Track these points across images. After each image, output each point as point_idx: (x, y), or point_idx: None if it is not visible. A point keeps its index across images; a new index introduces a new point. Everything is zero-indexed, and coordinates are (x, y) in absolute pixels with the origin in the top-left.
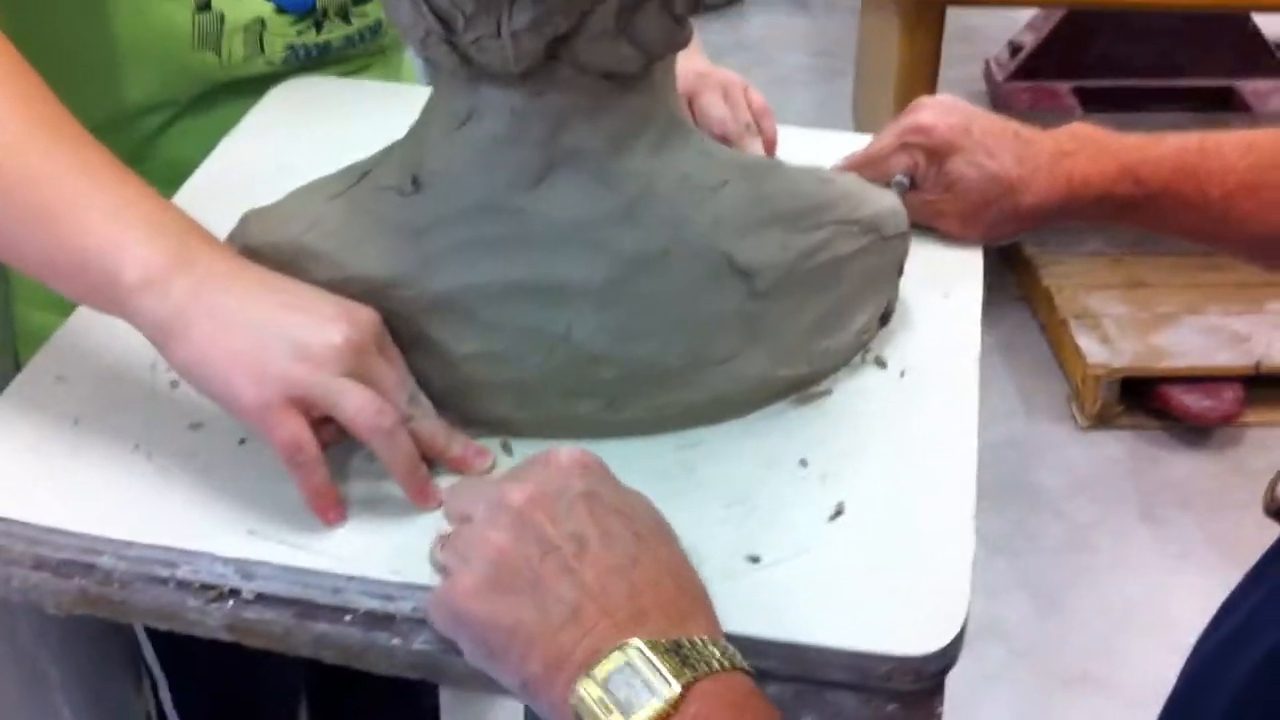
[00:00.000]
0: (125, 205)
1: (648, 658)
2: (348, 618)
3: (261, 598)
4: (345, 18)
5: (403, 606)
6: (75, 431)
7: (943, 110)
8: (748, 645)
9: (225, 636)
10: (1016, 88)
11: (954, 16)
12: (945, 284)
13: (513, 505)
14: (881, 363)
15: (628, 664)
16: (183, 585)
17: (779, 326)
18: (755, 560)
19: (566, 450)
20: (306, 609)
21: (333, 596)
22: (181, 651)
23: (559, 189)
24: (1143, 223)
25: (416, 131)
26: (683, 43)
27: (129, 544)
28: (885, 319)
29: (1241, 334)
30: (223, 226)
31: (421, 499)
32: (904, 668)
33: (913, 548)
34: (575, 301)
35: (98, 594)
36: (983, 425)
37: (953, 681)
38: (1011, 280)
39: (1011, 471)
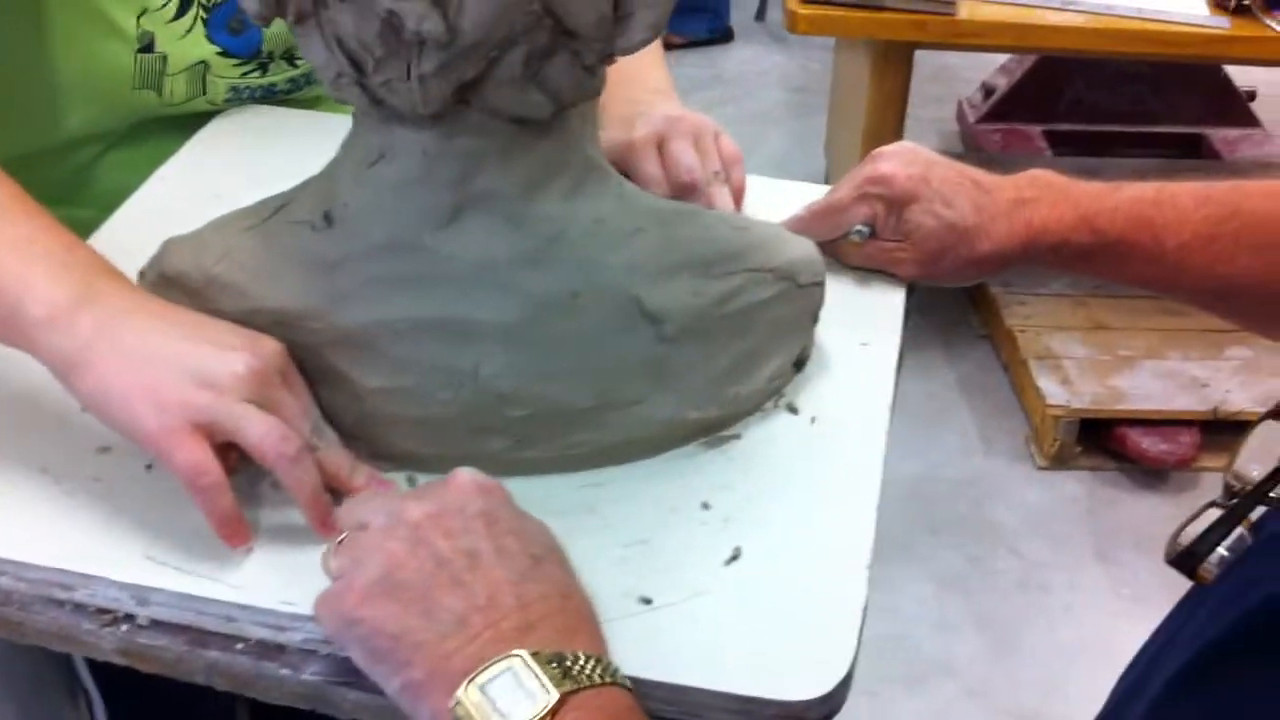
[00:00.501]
0: (30, 241)
1: (530, 667)
2: (239, 646)
3: (155, 624)
4: (291, 60)
5: (294, 637)
6: None
7: (902, 160)
8: (633, 686)
9: (119, 661)
10: (988, 129)
11: (928, 57)
12: (865, 332)
13: (410, 519)
14: (793, 409)
15: (510, 671)
16: (79, 608)
17: (688, 371)
18: (647, 602)
19: (468, 472)
20: (199, 636)
21: (225, 624)
22: (117, 670)
23: (469, 230)
24: (1099, 271)
25: (332, 168)
26: (594, 91)
27: (27, 565)
28: (800, 365)
29: (1200, 379)
30: (152, 253)
31: (324, 528)
32: (786, 713)
33: (805, 594)
34: (484, 341)
35: None
36: (941, 462)
37: (903, 718)
38: (975, 320)
39: (968, 509)
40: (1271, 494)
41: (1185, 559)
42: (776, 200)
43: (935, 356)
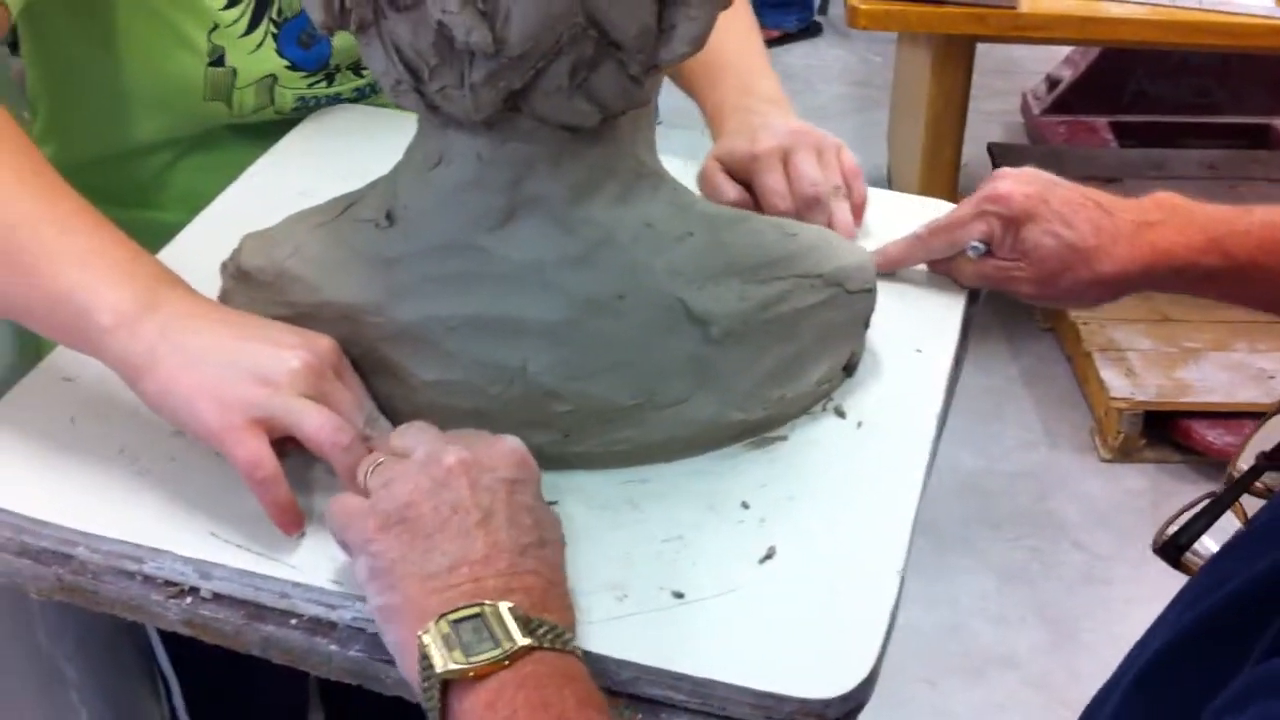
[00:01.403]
0: (95, 252)
1: (500, 616)
2: (293, 621)
3: (218, 597)
4: (356, 71)
5: (343, 615)
6: (70, 430)
7: (1020, 180)
8: (659, 676)
9: (184, 631)
10: (1052, 122)
11: (992, 50)
12: (920, 339)
13: (444, 462)
14: (841, 413)
15: (480, 616)
16: (148, 580)
17: (733, 373)
18: (679, 596)
19: (515, 441)
20: (256, 611)
21: (280, 600)
22: (193, 653)
23: (520, 232)
24: (1224, 294)
25: (396, 170)
26: (642, 100)
27: (102, 538)
28: (851, 369)
29: (1267, 371)
30: None
31: None
32: (806, 710)
33: (834, 595)
34: (532, 338)
35: (72, 582)
36: (1004, 455)
37: (964, 709)
38: (1038, 312)
39: (1031, 501)
40: (1256, 484)
41: (1168, 549)
42: (896, 214)
43: (998, 349)
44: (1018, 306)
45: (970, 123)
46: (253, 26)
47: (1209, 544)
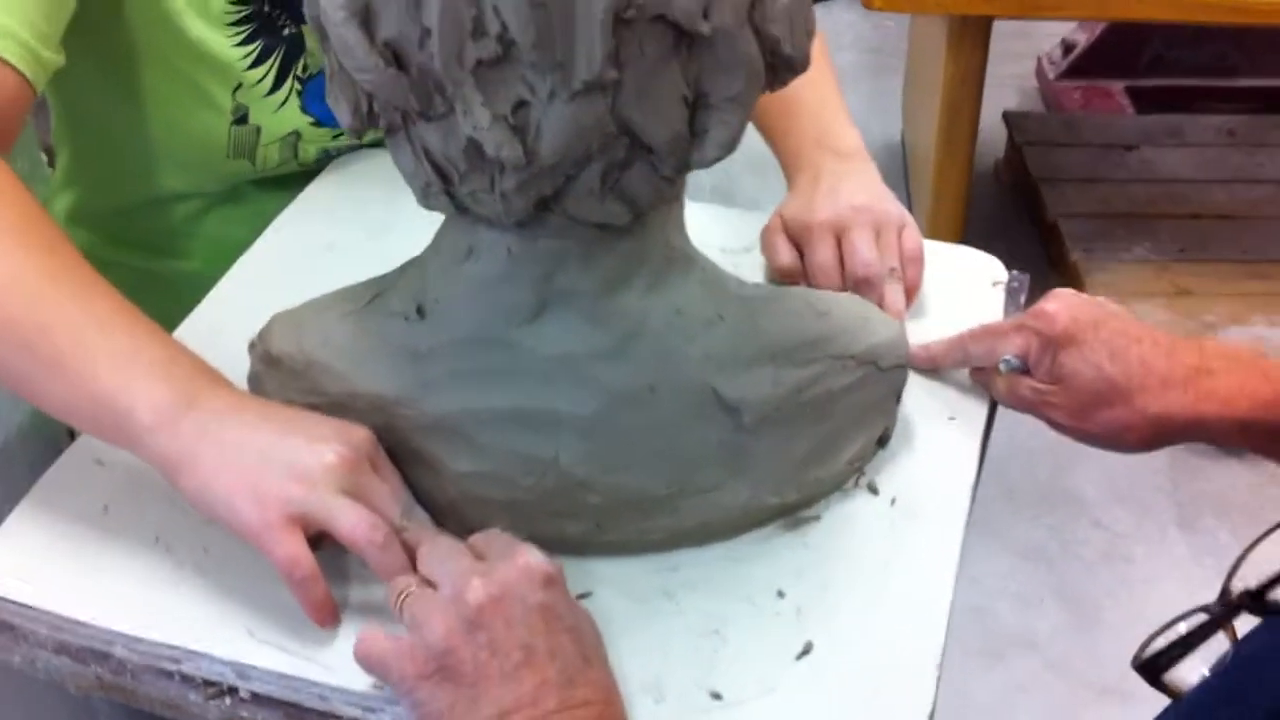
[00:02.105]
0: (133, 350)
1: None
2: None
3: (256, 697)
4: None
5: (382, 718)
6: (103, 519)
7: (1072, 303)
8: None
9: None
10: (1068, 87)
11: None
12: (952, 406)
13: (473, 603)
14: (874, 489)
15: None
16: (186, 680)
17: (767, 458)
18: (717, 698)
19: (535, 557)
20: (295, 712)
21: (319, 702)
22: None
23: (551, 326)
24: None
25: (425, 260)
26: (673, 196)
27: (140, 640)
28: (883, 442)
29: None
30: (272, 307)
31: None
32: None
33: (872, 692)
34: (564, 431)
35: (112, 681)
36: (1020, 431)
37: (983, 692)
38: (1057, 286)
39: (1049, 479)
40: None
41: (1147, 668)
42: (950, 269)
43: None
44: (1036, 283)
45: (984, 87)
46: (278, 85)
47: (1201, 668)
